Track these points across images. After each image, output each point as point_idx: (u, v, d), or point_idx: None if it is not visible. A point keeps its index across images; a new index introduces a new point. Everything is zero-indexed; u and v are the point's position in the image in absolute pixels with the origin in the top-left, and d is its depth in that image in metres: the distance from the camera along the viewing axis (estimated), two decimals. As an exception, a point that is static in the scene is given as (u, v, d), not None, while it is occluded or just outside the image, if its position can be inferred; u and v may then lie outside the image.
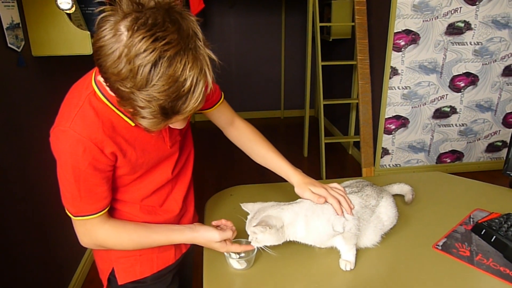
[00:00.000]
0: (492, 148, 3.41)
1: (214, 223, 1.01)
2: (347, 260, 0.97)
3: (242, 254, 1.01)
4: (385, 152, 3.32)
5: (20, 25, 1.63)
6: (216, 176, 3.42)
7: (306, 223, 0.93)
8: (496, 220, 1.12)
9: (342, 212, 0.94)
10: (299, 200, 1.00)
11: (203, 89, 0.69)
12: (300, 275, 0.97)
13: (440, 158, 3.40)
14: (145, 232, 0.92)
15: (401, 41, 2.99)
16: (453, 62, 3.08)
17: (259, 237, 0.93)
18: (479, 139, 3.37)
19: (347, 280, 0.96)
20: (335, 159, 3.79)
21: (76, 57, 1.89)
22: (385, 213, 1.02)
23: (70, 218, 0.87)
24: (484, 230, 1.10)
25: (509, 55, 3.11)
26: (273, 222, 0.92)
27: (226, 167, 3.65)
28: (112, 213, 0.91)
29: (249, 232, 0.95)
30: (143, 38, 0.63)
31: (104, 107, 0.80)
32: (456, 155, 3.41)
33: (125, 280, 0.99)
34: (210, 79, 0.70)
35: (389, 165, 3.37)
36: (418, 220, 1.18)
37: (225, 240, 0.96)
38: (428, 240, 1.09)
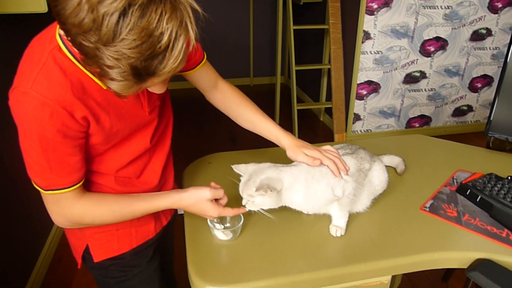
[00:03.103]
0: (458, 112, 3.50)
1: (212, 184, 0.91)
2: (338, 226, 0.93)
3: (228, 224, 0.95)
4: (357, 118, 3.32)
5: (-41, -23, 1.42)
6: (185, 144, 3.32)
7: (306, 188, 0.88)
8: (480, 180, 1.12)
9: (340, 173, 0.90)
10: (296, 163, 0.94)
11: (184, 46, 0.58)
12: (289, 243, 0.92)
13: (409, 123, 3.45)
14: (127, 201, 0.83)
15: (373, 4, 2.93)
16: (424, 26, 3.07)
17: (257, 201, 0.86)
18: (446, 103, 3.44)
19: (338, 245, 0.92)
20: (307, 126, 3.77)
21: (28, 15, 1.69)
22: (377, 177, 0.99)
23: (36, 193, 0.76)
24: (469, 191, 1.09)
25: (477, 20, 3.13)
26: (275, 185, 0.85)
27: (195, 134, 3.54)
28: (84, 185, 0.81)
29: (244, 196, 0.89)
30: None
31: (72, 66, 0.69)
32: (424, 119, 3.47)
33: (101, 257, 0.90)
34: (192, 35, 0.59)
35: (360, 131, 3.39)
36: (404, 183, 1.16)
37: (216, 202, 0.87)
38: (416, 203, 1.07)
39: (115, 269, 0.93)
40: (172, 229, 1.14)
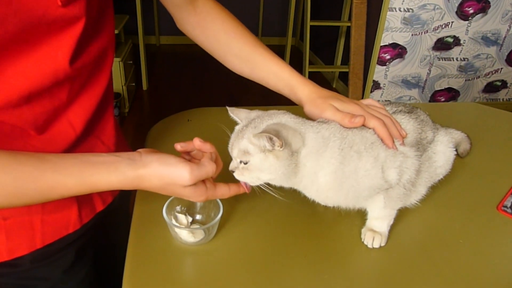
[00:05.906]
0: (490, 88, 3.08)
1: (179, 146, 0.52)
2: (376, 231, 0.57)
3: (198, 217, 0.60)
4: (376, 86, 2.91)
5: None
6: (180, 102, 2.93)
7: (341, 163, 0.50)
8: None
9: (393, 143, 0.53)
10: (323, 119, 0.57)
11: None
12: (294, 254, 0.57)
13: (434, 96, 3.05)
14: (27, 165, 0.43)
15: (409, -50, 2.46)
16: (466, -18, 2.61)
17: (254, 162, 0.50)
18: (479, 76, 3.01)
19: (375, 263, 0.57)
20: (317, 93, 3.37)
21: None
22: (442, 153, 0.62)
23: None
24: None
25: (529, -21, 2.66)
26: (290, 138, 0.49)
27: (193, 92, 3.15)
28: None
29: (234, 154, 0.53)
30: None
31: None
32: (451, 93, 3.06)
33: None
34: None
35: (379, 101, 2.98)
36: (467, 169, 0.80)
37: (203, 181, 0.51)
38: (489, 198, 0.71)
39: (5, 281, 0.57)
40: (126, 211, 0.76)
